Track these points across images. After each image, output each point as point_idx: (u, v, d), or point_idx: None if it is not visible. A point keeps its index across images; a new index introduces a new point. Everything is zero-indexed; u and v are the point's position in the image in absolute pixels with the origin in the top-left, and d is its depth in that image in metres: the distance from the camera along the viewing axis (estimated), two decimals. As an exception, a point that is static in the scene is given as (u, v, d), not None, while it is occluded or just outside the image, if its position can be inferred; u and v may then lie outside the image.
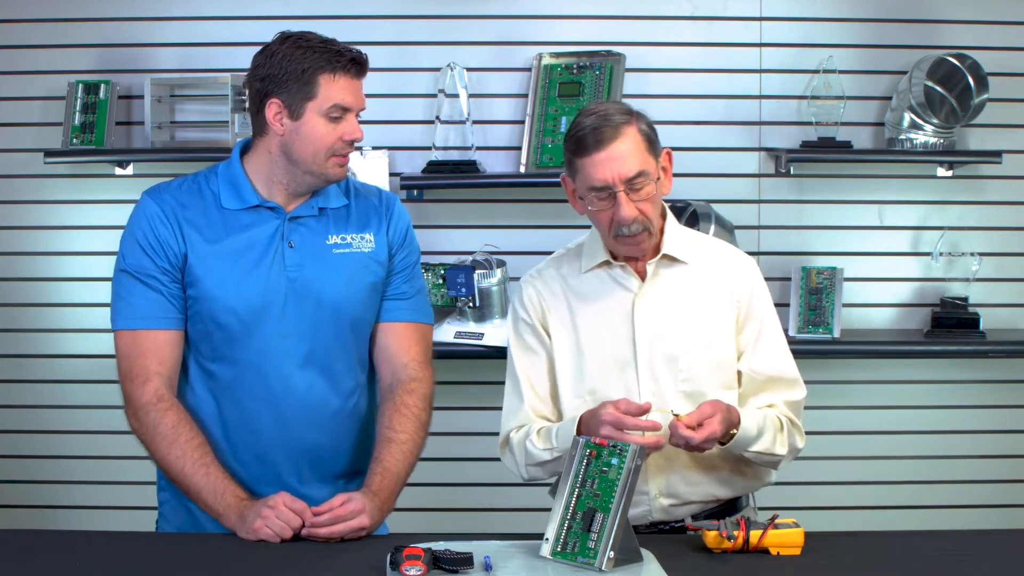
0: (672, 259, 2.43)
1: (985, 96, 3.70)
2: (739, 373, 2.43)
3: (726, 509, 2.45)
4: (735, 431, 2.31)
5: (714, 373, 2.41)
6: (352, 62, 2.38)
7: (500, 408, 2.50)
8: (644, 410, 2.23)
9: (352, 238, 2.49)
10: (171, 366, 2.41)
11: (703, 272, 2.44)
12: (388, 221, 2.53)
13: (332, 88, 2.36)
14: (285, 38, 2.40)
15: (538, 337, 2.48)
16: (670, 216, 2.47)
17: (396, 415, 2.43)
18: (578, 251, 2.50)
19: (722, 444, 2.32)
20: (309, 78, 2.35)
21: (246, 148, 2.49)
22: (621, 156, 2.31)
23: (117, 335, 2.43)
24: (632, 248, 2.39)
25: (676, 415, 2.26)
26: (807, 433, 2.47)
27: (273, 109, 2.38)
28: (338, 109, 2.37)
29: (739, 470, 2.43)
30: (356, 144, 2.43)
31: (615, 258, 2.44)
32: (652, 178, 2.34)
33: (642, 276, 2.43)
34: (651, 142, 2.36)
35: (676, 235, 2.45)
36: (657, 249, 2.42)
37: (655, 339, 2.41)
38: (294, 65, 2.35)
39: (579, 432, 2.26)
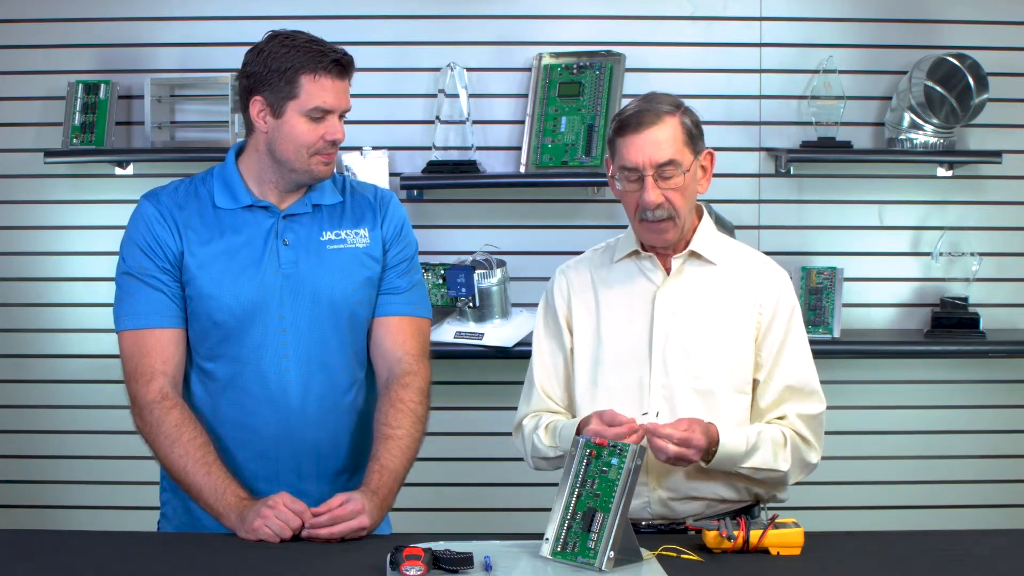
0: (700, 257, 2.45)
1: (985, 96, 3.70)
2: (756, 382, 2.43)
3: (738, 514, 2.40)
4: (715, 448, 2.30)
5: (727, 375, 2.41)
6: (335, 63, 2.37)
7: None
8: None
9: (346, 234, 2.49)
10: (175, 364, 2.42)
11: (730, 275, 2.45)
12: (383, 217, 2.53)
13: (314, 88, 2.36)
14: (273, 36, 2.40)
15: (561, 326, 2.51)
16: (706, 217, 2.49)
17: (392, 411, 2.43)
18: (613, 244, 2.53)
19: (706, 463, 2.32)
20: (291, 77, 2.35)
21: (241, 149, 2.50)
22: (656, 142, 2.34)
23: (121, 336, 2.43)
24: (656, 236, 2.41)
25: (656, 415, 2.27)
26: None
27: (257, 107, 2.39)
28: (319, 111, 2.37)
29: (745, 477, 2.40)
30: (339, 144, 2.43)
31: (644, 249, 2.46)
32: (683, 169, 2.36)
33: (668, 270, 2.45)
34: (692, 137, 2.38)
35: (708, 236, 2.47)
36: (686, 245, 2.44)
37: (672, 332, 2.42)
38: (278, 64, 2.35)
39: (579, 433, 2.27)
